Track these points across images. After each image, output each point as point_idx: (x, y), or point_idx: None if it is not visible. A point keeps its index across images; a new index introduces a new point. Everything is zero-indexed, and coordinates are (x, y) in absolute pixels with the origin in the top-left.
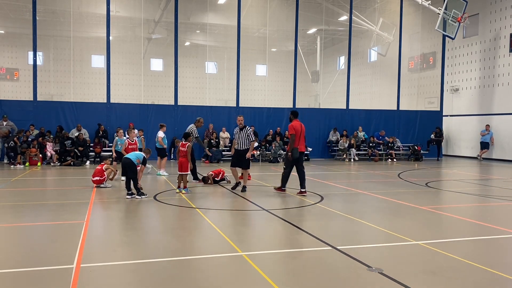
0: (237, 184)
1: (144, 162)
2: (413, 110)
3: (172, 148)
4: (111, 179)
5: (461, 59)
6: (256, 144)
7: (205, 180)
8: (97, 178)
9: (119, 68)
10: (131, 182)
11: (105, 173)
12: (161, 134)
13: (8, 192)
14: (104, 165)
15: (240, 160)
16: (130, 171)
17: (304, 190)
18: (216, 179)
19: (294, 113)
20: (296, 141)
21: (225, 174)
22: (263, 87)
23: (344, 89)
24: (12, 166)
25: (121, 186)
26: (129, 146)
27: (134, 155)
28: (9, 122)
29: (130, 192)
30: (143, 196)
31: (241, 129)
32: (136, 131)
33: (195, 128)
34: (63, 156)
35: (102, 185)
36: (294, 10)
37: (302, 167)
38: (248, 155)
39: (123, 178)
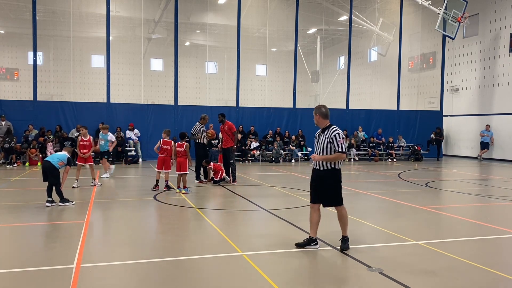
0: (311, 241)
1: (68, 162)
2: (413, 110)
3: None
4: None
5: (461, 59)
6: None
7: (207, 162)
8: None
9: (119, 68)
10: (53, 188)
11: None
12: (113, 137)
13: (8, 192)
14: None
15: (323, 191)
16: (51, 176)
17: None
18: (215, 179)
19: (224, 114)
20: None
21: (224, 174)
22: (263, 87)
23: (344, 89)
24: (8, 166)
25: (120, 186)
26: (81, 143)
27: (55, 157)
28: (7, 122)
29: (50, 199)
30: (67, 203)
31: (323, 131)
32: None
33: (196, 126)
34: None
35: (92, 184)
36: (294, 10)
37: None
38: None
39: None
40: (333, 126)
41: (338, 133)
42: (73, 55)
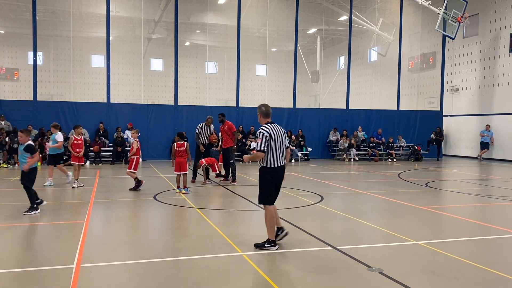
0: (278, 230)
1: (31, 150)
2: (413, 110)
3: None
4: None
5: (461, 59)
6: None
7: (198, 166)
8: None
9: (119, 68)
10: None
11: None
12: (61, 137)
13: (8, 192)
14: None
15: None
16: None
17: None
18: (214, 172)
19: (224, 114)
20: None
21: (221, 169)
22: (263, 87)
23: (344, 89)
24: (9, 166)
25: (120, 186)
26: (75, 142)
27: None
28: (6, 122)
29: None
30: (35, 212)
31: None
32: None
33: (199, 125)
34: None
35: (75, 185)
36: (294, 10)
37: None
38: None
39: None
40: (264, 125)
41: (259, 131)
42: (73, 55)
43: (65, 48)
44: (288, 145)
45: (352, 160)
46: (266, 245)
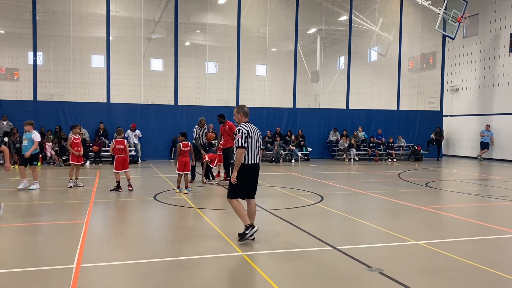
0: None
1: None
2: (413, 110)
3: (174, 149)
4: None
5: (461, 59)
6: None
7: (200, 159)
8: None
9: (119, 68)
10: None
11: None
12: (38, 136)
13: (8, 192)
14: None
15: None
16: None
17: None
18: (211, 166)
19: (223, 115)
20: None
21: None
22: (263, 87)
23: (344, 89)
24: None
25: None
26: (74, 141)
27: None
28: (9, 122)
29: None
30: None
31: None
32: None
33: (195, 129)
34: (63, 156)
35: (74, 185)
36: (294, 10)
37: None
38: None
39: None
40: (243, 123)
41: (238, 129)
42: (73, 55)
43: (65, 48)
44: (262, 146)
45: (352, 160)
46: (246, 232)
